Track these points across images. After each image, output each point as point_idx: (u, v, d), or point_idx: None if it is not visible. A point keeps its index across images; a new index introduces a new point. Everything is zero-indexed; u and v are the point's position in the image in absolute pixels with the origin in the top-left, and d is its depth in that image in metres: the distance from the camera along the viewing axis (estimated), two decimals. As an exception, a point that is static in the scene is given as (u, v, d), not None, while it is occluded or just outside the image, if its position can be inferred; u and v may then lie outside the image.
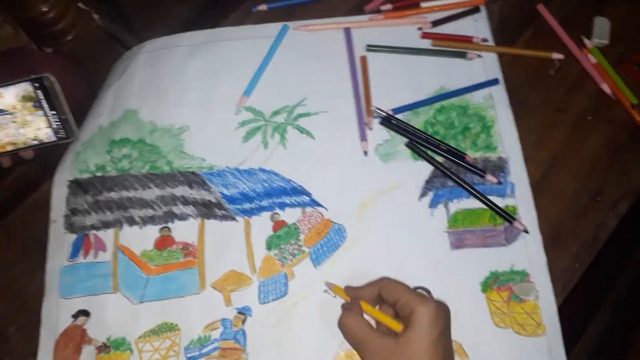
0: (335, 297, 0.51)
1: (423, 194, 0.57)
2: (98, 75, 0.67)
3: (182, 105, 0.62)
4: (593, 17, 0.65)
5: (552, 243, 0.55)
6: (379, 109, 0.60)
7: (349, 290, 0.50)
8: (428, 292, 0.53)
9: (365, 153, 0.59)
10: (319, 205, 0.57)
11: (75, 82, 0.63)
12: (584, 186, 0.58)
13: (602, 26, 0.65)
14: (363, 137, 0.60)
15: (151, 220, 0.57)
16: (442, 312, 0.44)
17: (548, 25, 0.66)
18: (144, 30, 0.70)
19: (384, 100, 0.61)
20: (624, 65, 0.63)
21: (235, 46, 0.65)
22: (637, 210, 0.57)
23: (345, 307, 0.49)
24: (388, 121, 0.60)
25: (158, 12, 0.73)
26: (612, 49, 0.64)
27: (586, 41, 0.64)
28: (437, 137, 0.60)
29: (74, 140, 0.57)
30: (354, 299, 0.48)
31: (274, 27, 0.66)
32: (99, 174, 0.59)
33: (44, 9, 0.62)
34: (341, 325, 0.47)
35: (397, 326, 0.46)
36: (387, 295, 0.47)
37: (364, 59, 0.64)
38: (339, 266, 0.54)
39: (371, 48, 0.64)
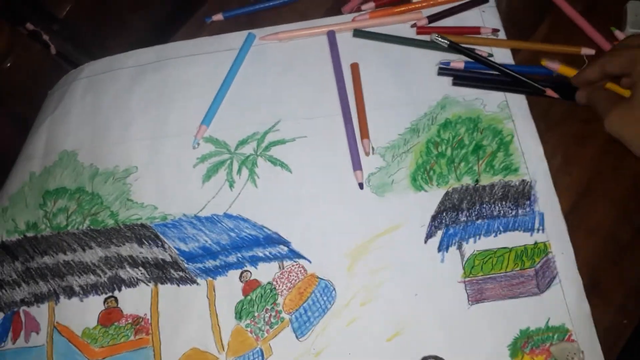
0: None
1: (430, 235, 0.48)
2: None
3: (128, 141, 0.54)
4: (624, 3, 0.56)
5: (590, 292, 0.46)
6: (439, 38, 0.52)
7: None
8: (443, 362, 0.45)
9: (361, 186, 0.50)
10: (300, 256, 0.49)
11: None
12: (626, 216, 0.49)
13: (637, 12, 0.55)
14: (357, 166, 0.50)
15: (94, 289, 0.49)
16: None
17: (567, 17, 0.57)
18: (99, 50, 0.63)
19: (377, 115, 0.52)
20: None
21: (190, 63, 0.57)
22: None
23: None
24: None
25: (114, 28, 0.66)
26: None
27: (617, 33, 0.55)
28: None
29: None
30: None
31: (237, 37, 0.57)
32: (30, 234, 0.52)
33: (-30, 37, 0.56)
34: (610, 123, 0.46)
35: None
36: (612, 68, 0.47)
37: (355, 67, 0.55)
38: (329, 336, 0.46)
39: (359, 33, 0.56)
